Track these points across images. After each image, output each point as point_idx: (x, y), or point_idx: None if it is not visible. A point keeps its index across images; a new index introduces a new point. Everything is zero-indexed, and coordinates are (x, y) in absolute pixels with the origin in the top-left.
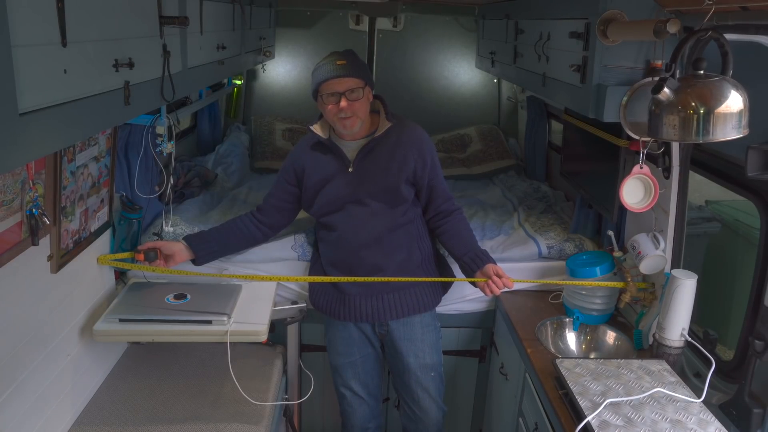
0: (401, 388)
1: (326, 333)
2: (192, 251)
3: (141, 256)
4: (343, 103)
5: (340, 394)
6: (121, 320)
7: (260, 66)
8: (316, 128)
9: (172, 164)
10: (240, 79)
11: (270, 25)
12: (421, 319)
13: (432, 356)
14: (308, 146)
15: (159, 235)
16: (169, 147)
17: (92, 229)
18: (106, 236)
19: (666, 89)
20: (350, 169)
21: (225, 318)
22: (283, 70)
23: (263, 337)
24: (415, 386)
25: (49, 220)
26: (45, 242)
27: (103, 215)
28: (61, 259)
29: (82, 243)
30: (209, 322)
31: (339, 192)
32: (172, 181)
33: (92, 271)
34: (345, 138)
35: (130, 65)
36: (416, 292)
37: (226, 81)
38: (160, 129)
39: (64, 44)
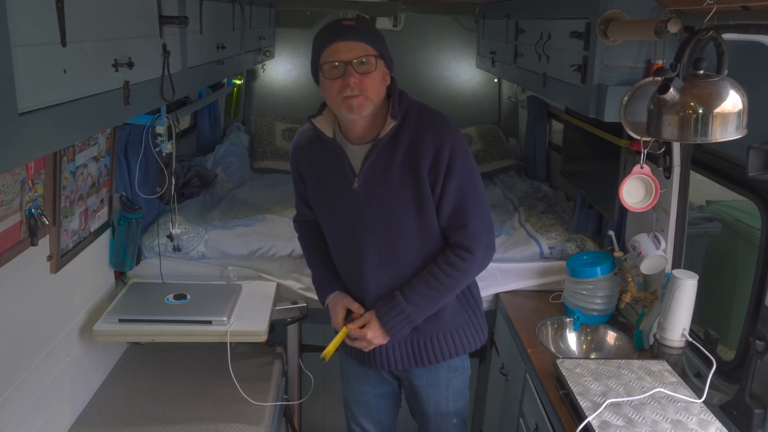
0: (419, 427)
1: (340, 359)
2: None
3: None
4: (351, 77)
5: (350, 429)
6: (121, 320)
7: (260, 66)
8: (319, 122)
9: (173, 164)
10: (240, 79)
11: (270, 25)
12: (449, 363)
13: (456, 403)
14: (307, 144)
15: (170, 237)
16: (168, 147)
17: (92, 229)
18: (106, 236)
19: (672, 89)
20: (355, 185)
21: (225, 318)
22: (282, 70)
23: (263, 337)
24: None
25: (48, 220)
26: (44, 242)
27: (102, 215)
28: (60, 259)
29: (81, 243)
30: (209, 323)
31: (345, 215)
32: (173, 181)
33: (92, 271)
34: (352, 140)
35: (130, 65)
36: (453, 333)
37: (225, 81)
38: (160, 129)
39: (64, 44)
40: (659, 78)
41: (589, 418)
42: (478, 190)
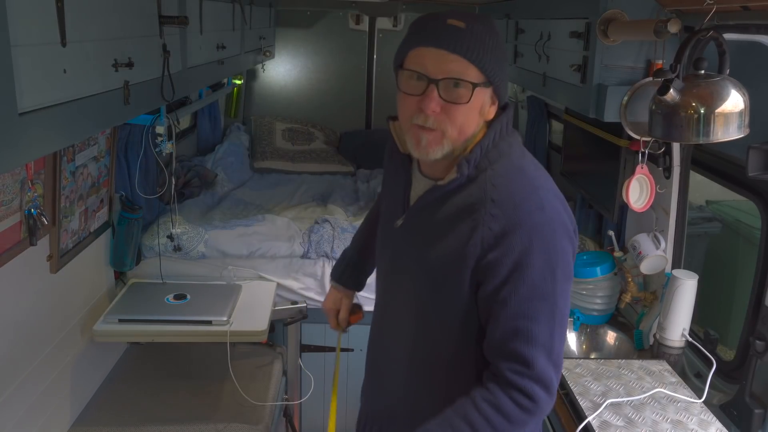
0: None
1: None
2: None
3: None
4: (431, 102)
5: None
6: (120, 320)
7: (260, 66)
8: (396, 128)
9: (173, 164)
10: (240, 79)
11: (270, 25)
12: None
13: None
14: (394, 144)
15: (170, 237)
16: (168, 147)
17: (92, 229)
18: (106, 236)
19: (672, 90)
20: (399, 222)
21: (225, 318)
22: (282, 70)
23: (263, 337)
24: None
25: (48, 220)
26: (44, 242)
27: (102, 215)
28: (60, 259)
29: (81, 243)
30: (209, 323)
31: (386, 253)
32: (174, 181)
33: (92, 271)
34: (422, 167)
35: (130, 65)
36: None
37: (225, 81)
38: (160, 129)
39: (64, 44)
40: (659, 78)
41: (589, 418)
42: (556, 313)
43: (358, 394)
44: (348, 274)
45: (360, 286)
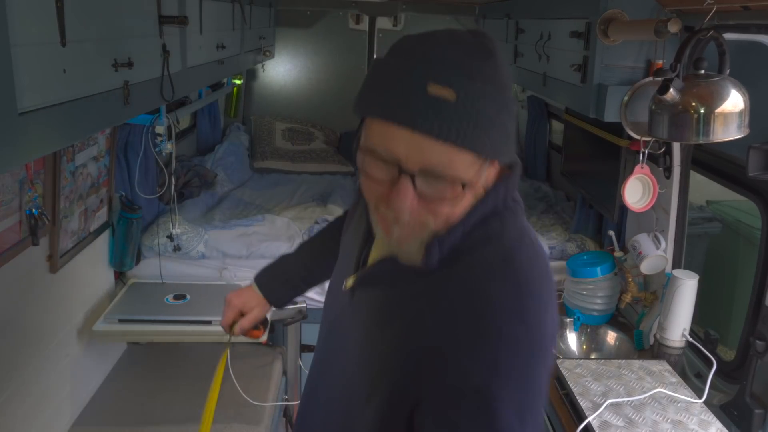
0: None
1: None
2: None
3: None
4: (405, 199)
5: None
6: (120, 320)
7: (260, 66)
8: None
9: (173, 164)
10: (240, 79)
11: (270, 25)
12: None
13: None
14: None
15: (170, 237)
16: (168, 147)
17: (91, 229)
18: (106, 236)
19: (672, 90)
20: (349, 283)
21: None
22: (282, 70)
23: (263, 338)
24: None
25: (48, 220)
26: (44, 242)
27: (102, 215)
28: (60, 259)
29: (81, 243)
30: (208, 323)
31: (331, 311)
32: (173, 181)
33: (91, 271)
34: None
35: (130, 65)
36: None
37: (225, 81)
38: (160, 129)
39: (64, 44)
40: (659, 78)
41: (590, 419)
42: None
43: None
44: (274, 287)
45: (281, 304)
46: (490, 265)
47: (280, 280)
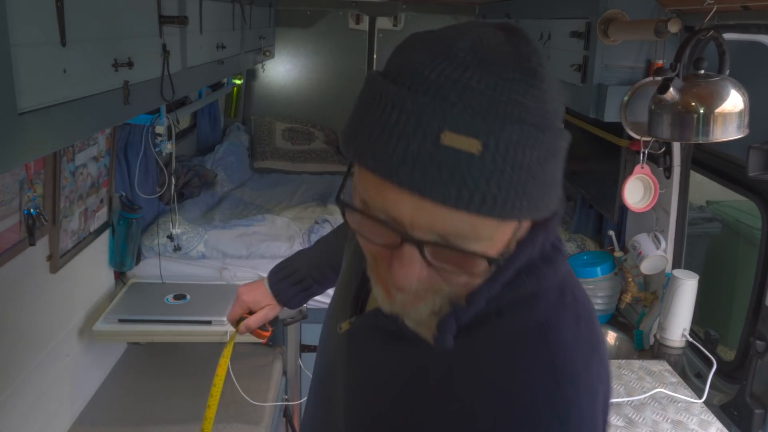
0: None
1: None
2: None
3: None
4: (410, 270)
5: None
6: (120, 320)
7: (260, 65)
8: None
9: (173, 164)
10: (240, 79)
11: (270, 25)
12: None
13: None
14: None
15: (170, 237)
16: (168, 147)
17: (91, 229)
18: (106, 236)
19: (672, 89)
20: (344, 327)
21: (224, 318)
22: (282, 70)
23: (263, 338)
24: None
25: (48, 220)
26: (44, 242)
27: (102, 215)
28: (60, 259)
29: (81, 243)
30: (209, 323)
31: (325, 355)
32: (173, 181)
33: (91, 271)
34: None
35: (130, 65)
36: None
37: (225, 81)
38: (160, 129)
39: (64, 44)
40: (659, 78)
41: None
42: None
43: None
44: (285, 287)
45: (292, 306)
46: (519, 340)
47: (291, 281)
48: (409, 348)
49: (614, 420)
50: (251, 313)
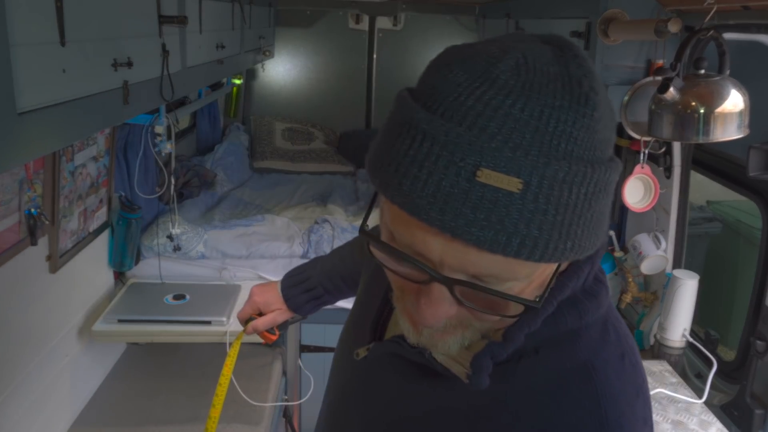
0: None
1: None
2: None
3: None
4: (438, 309)
5: None
6: (119, 321)
7: (259, 65)
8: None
9: (173, 164)
10: (239, 79)
11: (269, 25)
12: None
13: None
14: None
15: (170, 237)
16: (168, 147)
17: (91, 229)
18: (105, 236)
19: (672, 89)
20: (361, 353)
21: (224, 318)
22: (282, 70)
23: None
24: None
25: (47, 220)
26: (43, 242)
27: (101, 215)
28: (59, 259)
29: (80, 243)
30: (208, 323)
31: (339, 379)
32: (173, 181)
33: (91, 271)
34: None
35: (129, 65)
36: None
37: (225, 80)
38: (159, 129)
39: (63, 43)
40: (659, 77)
41: None
42: None
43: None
44: (296, 294)
45: (303, 313)
46: (562, 382)
47: (303, 288)
48: (436, 383)
49: None
50: (261, 314)
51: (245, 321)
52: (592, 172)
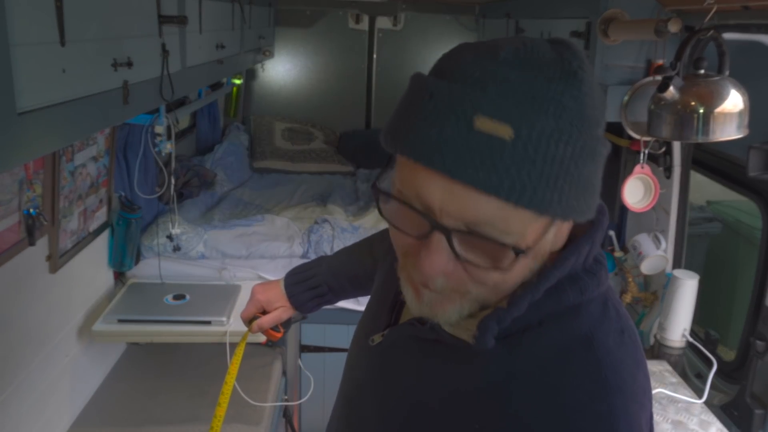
0: None
1: None
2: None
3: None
4: (437, 260)
5: None
6: (119, 321)
7: (259, 65)
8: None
9: (172, 164)
10: (239, 79)
11: (269, 24)
12: None
13: None
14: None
15: (170, 237)
16: (168, 147)
17: (90, 230)
18: (105, 236)
19: (672, 88)
20: (376, 339)
21: (224, 318)
22: (282, 70)
23: (263, 338)
24: None
25: (47, 220)
26: (43, 242)
27: (101, 215)
28: (59, 259)
29: (80, 243)
30: (208, 323)
31: (353, 369)
32: (173, 181)
33: (91, 271)
34: None
35: (129, 65)
36: None
37: (225, 80)
38: (159, 129)
39: (63, 43)
40: (659, 77)
41: None
42: None
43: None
44: (299, 291)
45: (306, 311)
46: (565, 351)
47: (307, 285)
48: (453, 364)
49: None
50: (264, 312)
51: (249, 320)
52: (578, 134)
